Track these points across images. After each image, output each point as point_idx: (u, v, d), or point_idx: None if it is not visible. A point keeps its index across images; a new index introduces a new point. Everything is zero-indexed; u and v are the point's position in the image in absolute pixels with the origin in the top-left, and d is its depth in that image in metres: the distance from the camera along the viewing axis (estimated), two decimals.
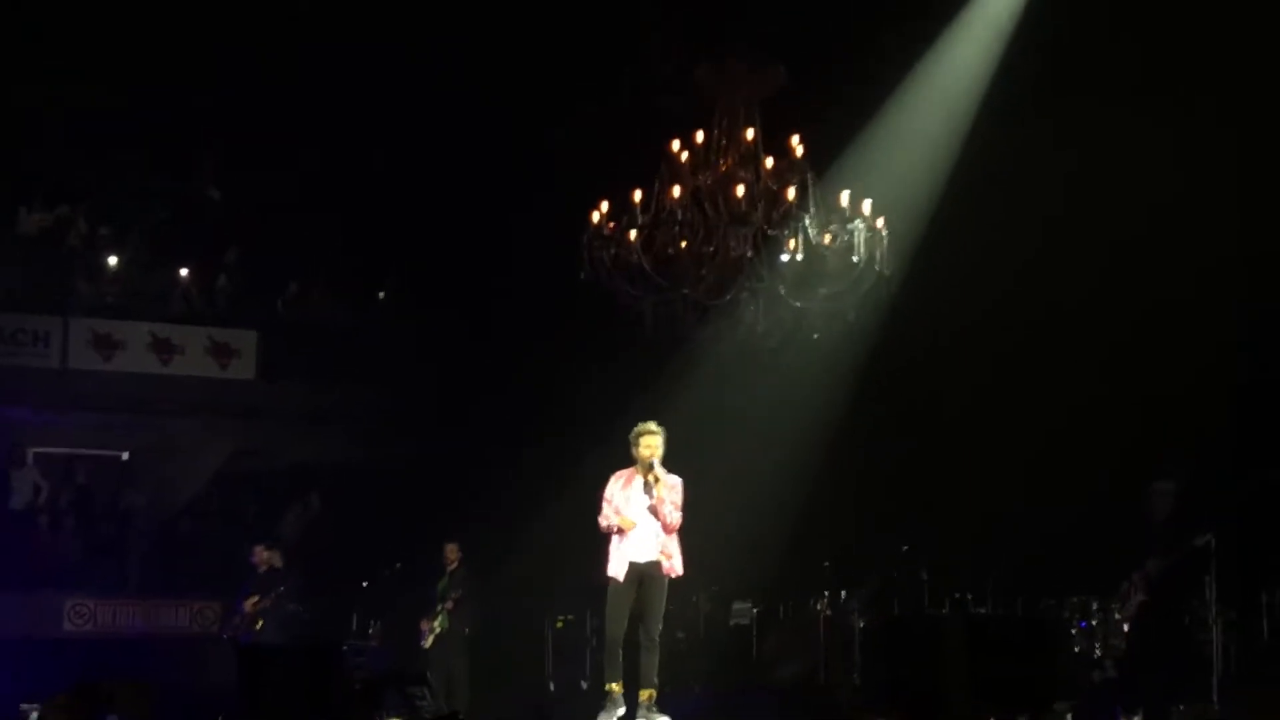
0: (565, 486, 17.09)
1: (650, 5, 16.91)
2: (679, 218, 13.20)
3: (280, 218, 21.73)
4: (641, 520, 12.55)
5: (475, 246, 20.87)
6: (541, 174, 18.77)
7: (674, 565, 12.57)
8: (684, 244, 13.31)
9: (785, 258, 13.33)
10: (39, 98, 21.17)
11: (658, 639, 12.60)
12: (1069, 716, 12.85)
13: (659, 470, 12.45)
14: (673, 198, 13.18)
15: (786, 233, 13.28)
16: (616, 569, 12.56)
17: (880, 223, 13.61)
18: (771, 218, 13.21)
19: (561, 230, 14.57)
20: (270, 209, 21.80)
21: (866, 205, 13.46)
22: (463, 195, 20.69)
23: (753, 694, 16.08)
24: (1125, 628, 14.58)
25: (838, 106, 16.10)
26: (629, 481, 12.65)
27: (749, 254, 13.29)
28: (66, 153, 21.57)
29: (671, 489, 12.53)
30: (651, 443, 12.56)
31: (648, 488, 12.52)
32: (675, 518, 12.48)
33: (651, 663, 12.53)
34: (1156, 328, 16.18)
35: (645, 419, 12.89)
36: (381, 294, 23.13)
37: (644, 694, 12.41)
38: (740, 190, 13.09)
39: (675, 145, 13.39)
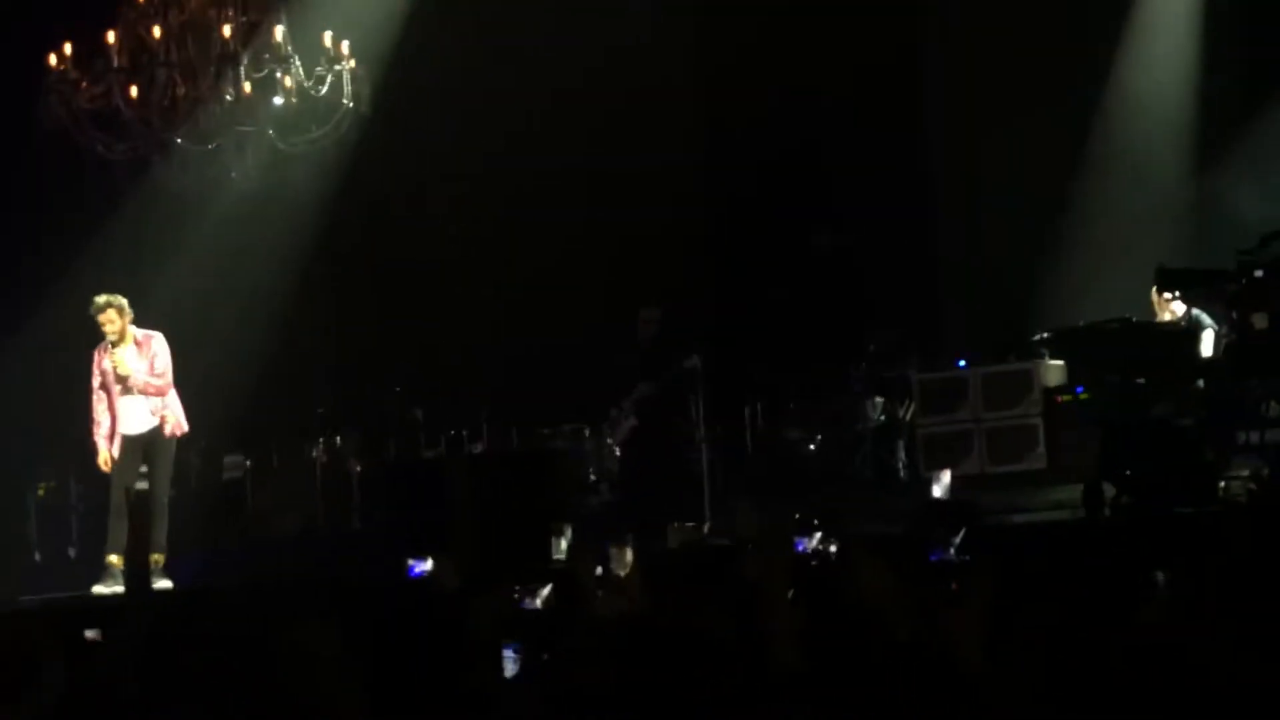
0: (37, 346, 16.39)
1: None
2: (162, 59, 12.61)
3: None
4: (126, 394, 12.20)
5: None
6: None
7: (176, 424, 12.32)
8: (180, 89, 12.75)
9: (279, 101, 12.93)
10: None
11: (165, 502, 12.35)
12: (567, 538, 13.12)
13: (120, 350, 12.12)
14: (154, 37, 12.58)
15: (275, 74, 12.88)
16: (114, 444, 12.22)
17: (354, 62, 13.40)
18: (258, 59, 12.79)
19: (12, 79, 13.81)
20: None
21: (345, 45, 13.21)
22: None
23: (253, 549, 15.86)
24: (618, 452, 14.99)
25: None
26: (105, 351, 12.27)
27: (237, 97, 12.85)
28: None
29: (148, 352, 12.20)
30: (107, 318, 12.19)
31: (116, 361, 12.18)
32: (156, 383, 12.19)
33: (161, 527, 12.29)
34: (631, 158, 16.52)
35: (119, 281, 12.51)
36: None
37: (153, 558, 12.16)
38: (226, 30, 12.61)
39: None
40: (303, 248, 17.64)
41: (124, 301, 12.25)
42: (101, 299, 12.20)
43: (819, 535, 7.41)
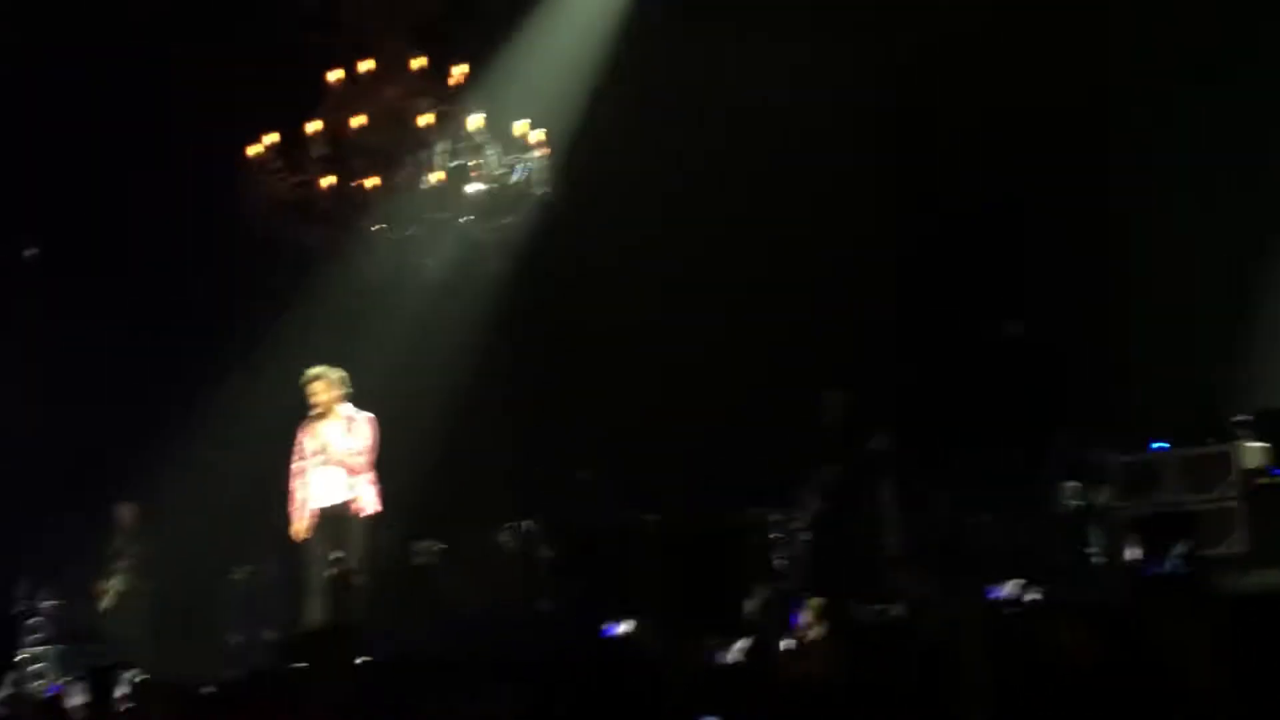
0: (242, 435, 16.76)
1: None
2: (359, 149, 12.95)
3: None
4: (323, 465, 12.44)
5: (114, 198, 20.07)
6: (195, 120, 18.13)
7: (369, 504, 12.51)
8: (376, 177, 13.07)
9: (473, 188, 13.19)
10: None
11: (360, 579, 12.55)
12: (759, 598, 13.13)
13: (325, 424, 12.34)
14: (350, 127, 12.92)
15: (469, 162, 13.15)
16: (304, 516, 12.46)
17: (545, 150, 13.64)
18: (454, 148, 13.08)
19: (212, 170, 14.22)
20: None
21: (536, 134, 13.45)
22: (97, 148, 19.89)
23: (443, 629, 15.98)
24: (804, 535, 14.92)
25: (482, 28, 15.96)
26: (307, 428, 12.54)
27: (434, 183, 13.14)
28: None
29: (354, 428, 12.43)
30: (313, 390, 12.43)
31: (318, 436, 12.43)
32: (356, 460, 12.39)
33: (354, 603, 12.46)
34: (816, 238, 16.54)
35: (315, 363, 12.74)
36: (26, 253, 22.12)
37: None
38: (425, 119, 12.91)
39: (334, 76, 13.15)
40: (489, 332, 17.88)
41: (338, 375, 12.47)
42: (314, 370, 12.47)
43: (1013, 583, 7.31)
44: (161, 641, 16.74)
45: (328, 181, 13.18)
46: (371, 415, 12.65)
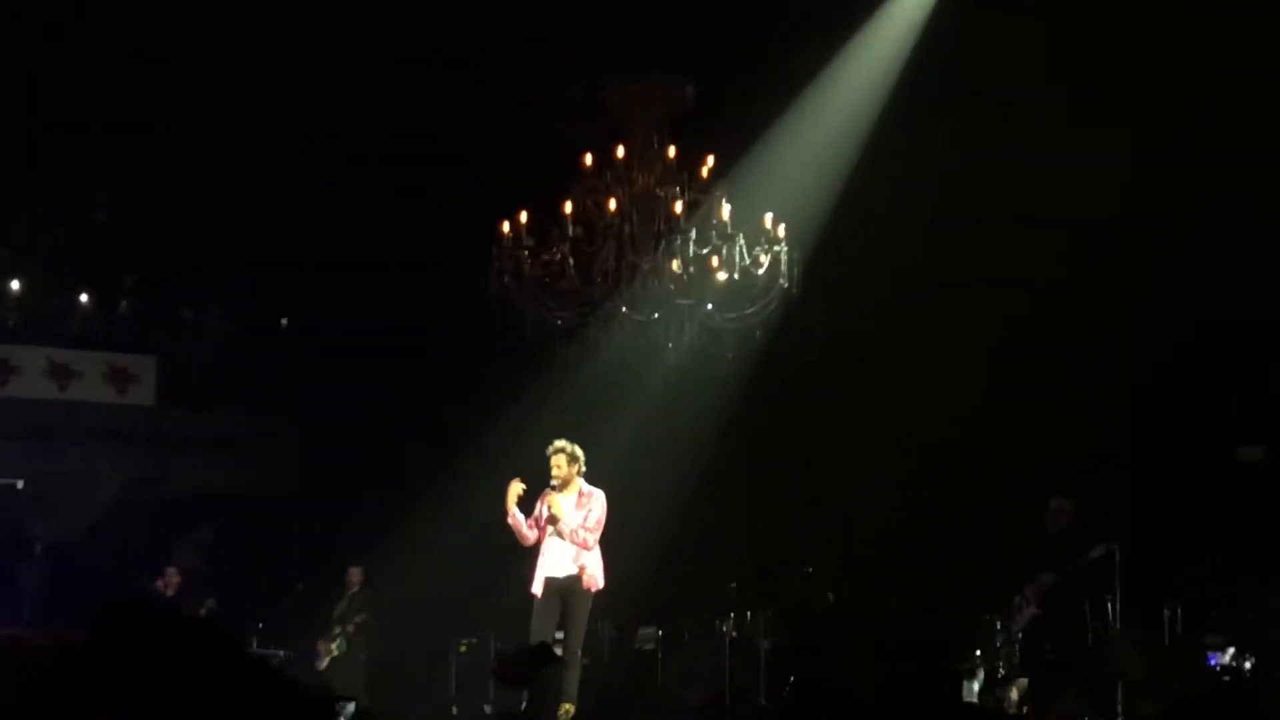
0: (470, 509, 17.11)
1: (556, 26, 16.97)
2: (612, 231, 13.24)
3: (179, 241, 21.53)
4: (554, 536, 12.69)
5: (382, 272, 20.77)
6: (452, 197, 18.73)
7: (593, 579, 12.73)
8: (624, 260, 13.34)
9: (722, 277, 13.41)
10: None
11: (579, 654, 12.73)
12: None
13: (557, 496, 12.60)
14: (608, 209, 13.24)
15: (717, 251, 13.37)
16: (536, 585, 12.71)
17: (788, 243, 13.81)
18: (703, 236, 13.33)
19: (470, 252, 14.62)
20: (168, 231, 21.57)
21: (782, 228, 13.65)
22: (367, 221, 20.60)
23: (660, 717, 16.11)
24: (1018, 641, 14.81)
25: (737, 121, 16.26)
26: (545, 498, 12.82)
27: (683, 272, 13.37)
28: None
29: (586, 504, 12.69)
30: (556, 462, 12.75)
31: (554, 507, 12.67)
32: (582, 536, 12.63)
33: (572, 678, 12.64)
34: (1052, 338, 16.48)
35: (554, 437, 13.01)
36: (284, 320, 22.98)
37: (563, 708, 12.47)
38: (679, 206, 13.18)
39: (589, 160, 13.50)
40: (719, 423, 18.08)
41: (576, 451, 12.81)
42: (560, 442, 12.81)
43: (1232, 650, 7.23)
44: (375, 703, 17.10)
45: (574, 262, 13.48)
46: (602, 492, 12.93)
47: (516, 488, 12.83)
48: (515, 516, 12.82)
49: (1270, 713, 4.77)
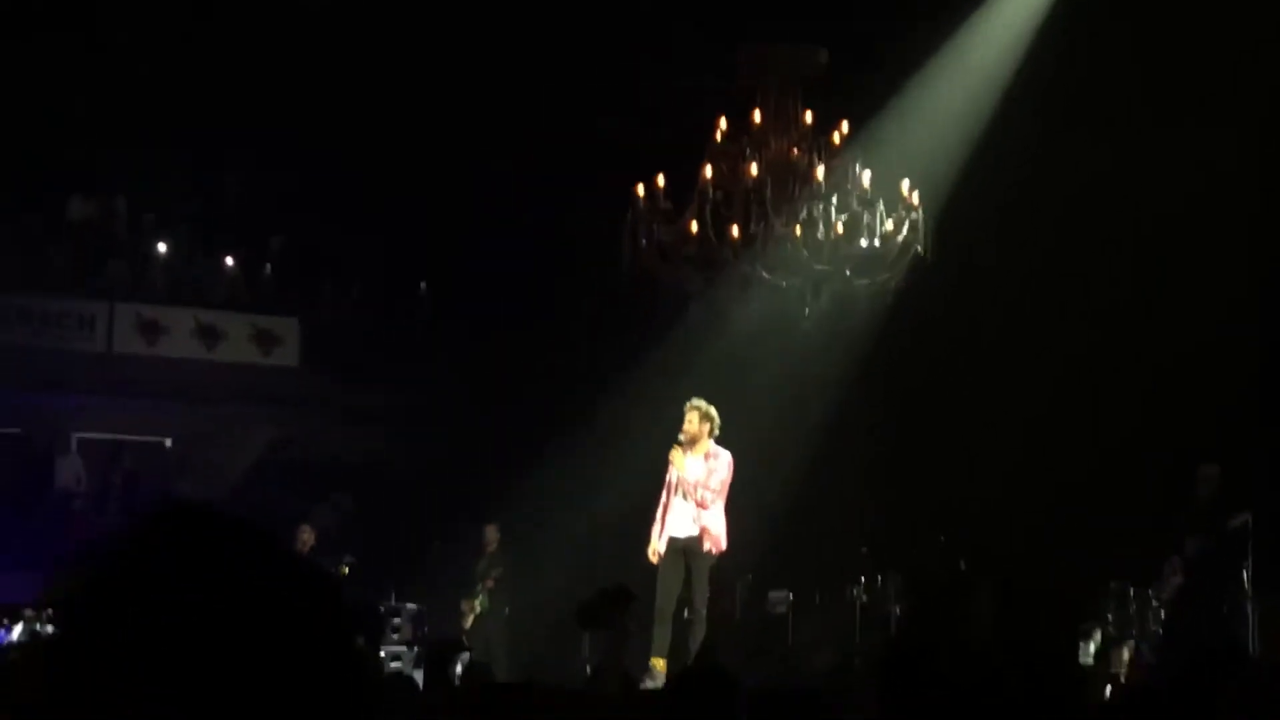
0: (605, 470, 17.26)
1: None
2: (751, 196, 13.26)
3: (321, 210, 21.87)
4: (680, 496, 12.71)
5: (517, 239, 20.97)
6: (583, 166, 18.86)
7: (715, 540, 12.69)
8: (761, 226, 13.35)
9: (856, 244, 13.39)
10: (82, 86, 21.27)
11: (704, 613, 12.72)
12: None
13: (682, 453, 12.60)
14: (746, 174, 13.26)
15: (856, 217, 13.35)
16: (660, 543, 12.74)
17: (920, 208, 13.77)
18: (848, 203, 13.32)
19: (605, 220, 14.70)
20: (308, 204, 21.91)
21: (915, 195, 13.61)
22: (504, 189, 20.82)
23: (789, 681, 16.13)
24: (1163, 611, 14.69)
25: (868, 87, 16.23)
26: (673, 453, 12.83)
27: (822, 239, 13.36)
28: (112, 140, 21.69)
29: (711, 464, 12.67)
30: (690, 419, 12.70)
31: (679, 464, 12.66)
32: (701, 494, 12.55)
33: (696, 637, 12.65)
34: (1199, 316, 16.29)
35: (684, 402, 13.02)
36: (423, 284, 23.26)
37: (655, 662, 12.54)
38: (820, 173, 13.18)
39: (724, 125, 13.52)
40: (851, 388, 18.07)
41: (711, 411, 12.75)
42: (697, 400, 12.77)
43: None
44: (513, 663, 17.34)
45: (709, 227, 13.49)
46: (729, 454, 12.86)
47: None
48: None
49: None
